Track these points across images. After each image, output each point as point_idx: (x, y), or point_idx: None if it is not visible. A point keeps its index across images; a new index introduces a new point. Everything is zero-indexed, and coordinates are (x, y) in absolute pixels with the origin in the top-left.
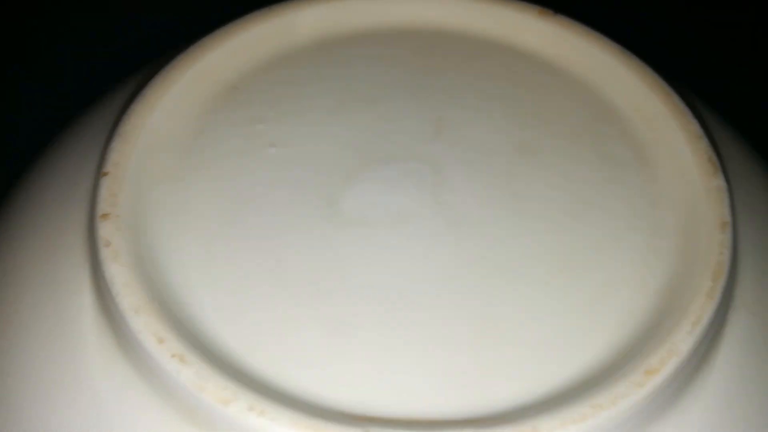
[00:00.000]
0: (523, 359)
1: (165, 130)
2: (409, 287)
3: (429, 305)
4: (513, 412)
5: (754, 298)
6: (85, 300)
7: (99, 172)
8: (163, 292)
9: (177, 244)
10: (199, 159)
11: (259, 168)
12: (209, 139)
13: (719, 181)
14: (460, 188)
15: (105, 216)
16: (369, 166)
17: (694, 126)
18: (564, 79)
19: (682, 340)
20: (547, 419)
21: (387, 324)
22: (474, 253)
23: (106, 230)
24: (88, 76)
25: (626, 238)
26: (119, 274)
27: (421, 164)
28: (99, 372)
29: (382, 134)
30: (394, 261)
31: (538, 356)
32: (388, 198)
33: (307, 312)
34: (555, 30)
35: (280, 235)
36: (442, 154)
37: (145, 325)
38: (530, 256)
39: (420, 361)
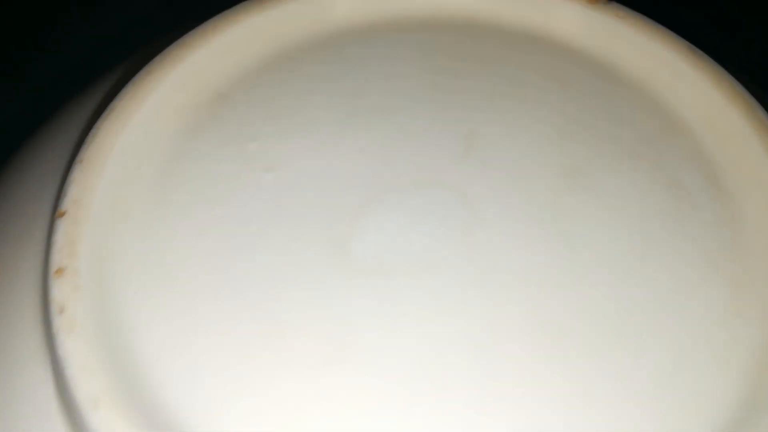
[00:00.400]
0: None
1: (137, 154)
2: (435, 359)
3: (458, 384)
4: None
5: None
6: (44, 378)
7: (55, 212)
8: (133, 376)
9: (151, 306)
10: (178, 189)
11: (252, 200)
12: (191, 163)
13: None
14: (496, 226)
15: (60, 271)
16: (385, 196)
17: None
18: (619, 84)
19: None
20: None
21: (409, 411)
22: (513, 314)
23: (61, 291)
24: (46, 82)
25: (702, 294)
26: (75, 352)
27: (449, 193)
28: None
29: (401, 154)
30: (417, 324)
31: None
32: (410, 239)
33: (313, 397)
34: (608, 22)
35: (278, 289)
36: (473, 179)
37: (106, 424)
38: (582, 319)
39: None
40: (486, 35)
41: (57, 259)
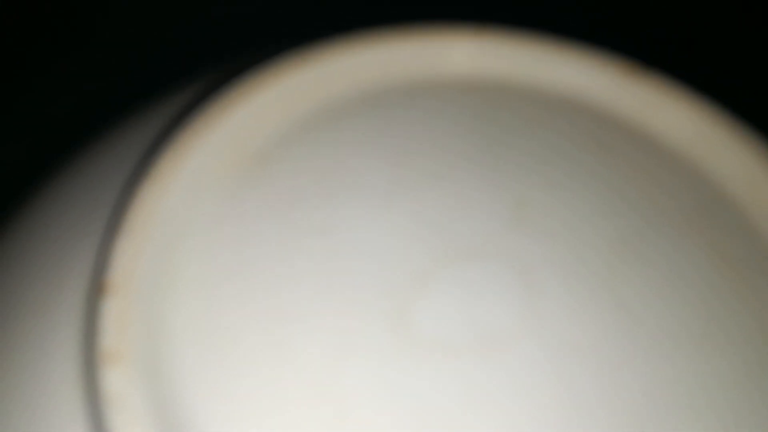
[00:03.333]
0: None
1: (179, 221)
2: None
3: None
4: None
5: None
6: None
7: (97, 287)
8: None
9: (208, 387)
10: (224, 256)
11: (302, 266)
12: (236, 227)
13: None
14: (555, 299)
15: (113, 358)
16: (440, 266)
17: None
18: (658, 152)
19: None
20: None
21: None
22: (586, 391)
23: (116, 382)
24: (59, 118)
25: (760, 375)
26: None
27: (505, 264)
28: None
29: (452, 221)
30: (483, 398)
31: None
32: (470, 311)
33: None
34: (645, 91)
35: (337, 363)
36: (527, 249)
37: None
38: (653, 396)
39: None
40: (523, 98)
41: (108, 344)
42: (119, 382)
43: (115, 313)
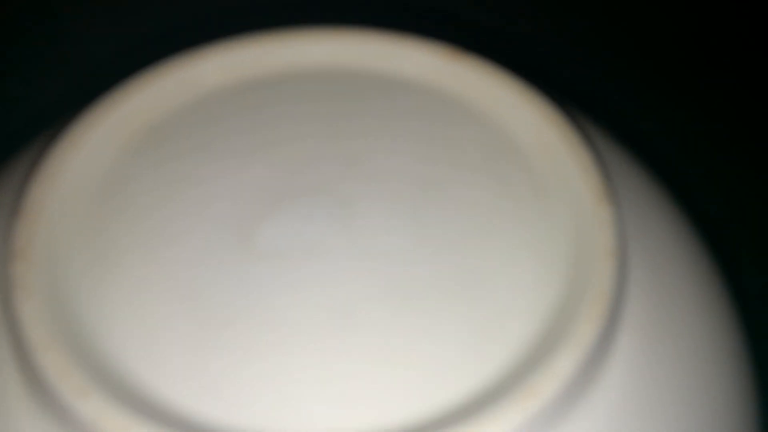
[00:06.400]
0: (416, 384)
1: (85, 171)
2: (317, 315)
3: (333, 332)
4: None
5: (641, 321)
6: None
7: (15, 212)
8: (75, 328)
9: (92, 281)
10: (118, 199)
11: (176, 205)
12: (129, 179)
13: (608, 210)
14: (368, 221)
15: (19, 254)
16: (284, 201)
17: (587, 156)
18: (471, 115)
19: (565, 363)
20: None
21: (295, 352)
22: (379, 281)
23: (20, 270)
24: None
25: (520, 266)
26: (29, 311)
27: (333, 199)
28: (13, 410)
29: (297, 172)
30: (305, 290)
31: (430, 381)
32: (302, 231)
33: (219, 343)
34: (463, 70)
35: (195, 269)
36: (353, 189)
37: (51, 361)
38: (431, 285)
39: (322, 388)
40: (366, 81)
41: (17, 246)
42: (22, 270)
43: (25, 227)
